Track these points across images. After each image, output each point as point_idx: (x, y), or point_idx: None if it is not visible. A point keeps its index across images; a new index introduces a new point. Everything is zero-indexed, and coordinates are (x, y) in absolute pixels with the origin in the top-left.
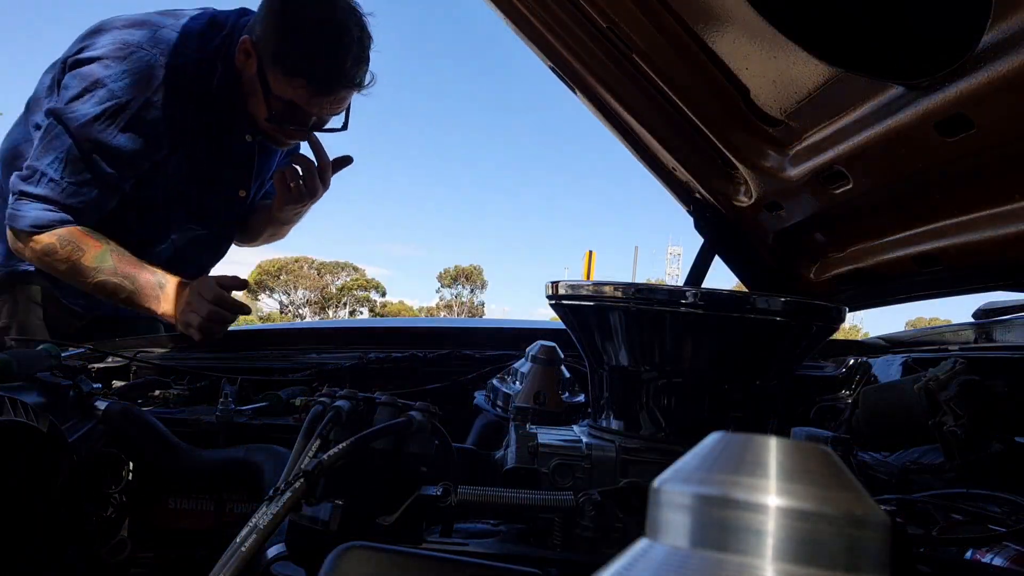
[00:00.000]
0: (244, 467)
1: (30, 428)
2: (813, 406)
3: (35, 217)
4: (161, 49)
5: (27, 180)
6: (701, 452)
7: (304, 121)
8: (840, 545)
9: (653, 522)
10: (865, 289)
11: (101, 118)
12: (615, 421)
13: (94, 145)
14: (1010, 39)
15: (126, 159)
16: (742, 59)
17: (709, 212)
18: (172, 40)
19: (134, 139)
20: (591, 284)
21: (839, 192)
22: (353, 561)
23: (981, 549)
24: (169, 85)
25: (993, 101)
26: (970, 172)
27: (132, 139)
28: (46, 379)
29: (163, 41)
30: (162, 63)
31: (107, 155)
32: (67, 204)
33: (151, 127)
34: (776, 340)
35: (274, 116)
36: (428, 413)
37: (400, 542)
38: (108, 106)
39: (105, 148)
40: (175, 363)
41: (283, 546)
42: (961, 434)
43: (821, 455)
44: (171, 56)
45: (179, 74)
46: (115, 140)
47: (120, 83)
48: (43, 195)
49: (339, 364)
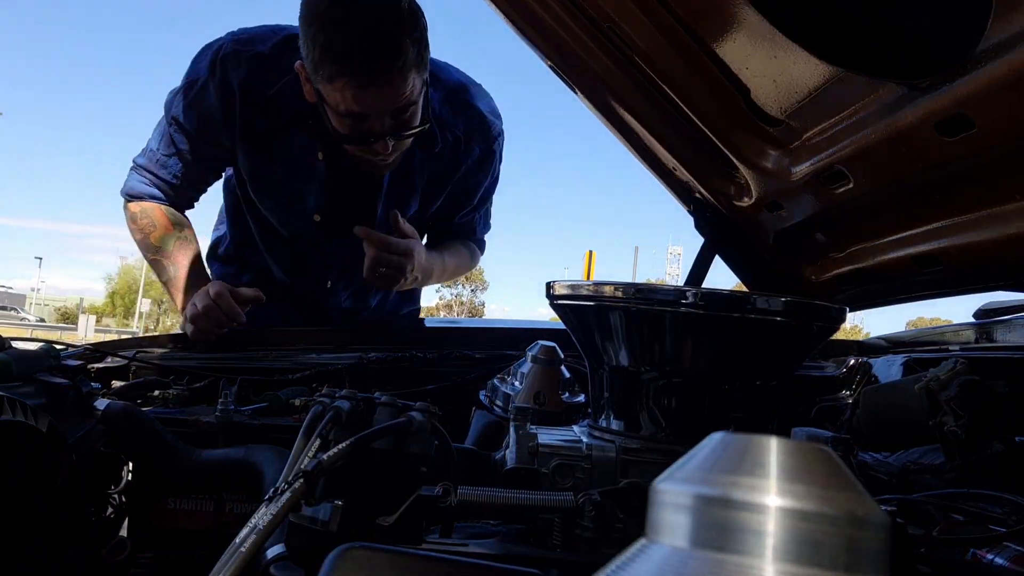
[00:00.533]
0: (244, 467)
1: (29, 428)
2: (813, 406)
3: (130, 186)
4: (237, 38)
5: (140, 153)
6: (701, 452)
7: (376, 131)
8: (840, 545)
9: (653, 522)
10: (865, 289)
11: (178, 92)
12: (615, 421)
13: (171, 119)
14: (1010, 39)
15: (190, 134)
16: (742, 59)
17: (709, 212)
18: (253, 33)
19: (191, 115)
20: (591, 284)
21: (839, 192)
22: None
23: (981, 549)
24: (226, 73)
25: (993, 101)
26: (970, 172)
27: (190, 115)
28: (46, 379)
29: (244, 33)
30: (230, 50)
31: (178, 128)
32: (158, 175)
33: (207, 108)
34: (776, 340)
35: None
36: (428, 413)
37: (400, 542)
38: (183, 83)
39: (176, 121)
40: (174, 363)
41: (282, 546)
42: (962, 434)
43: (821, 455)
44: (241, 44)
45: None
46: (181, 114)
47: (196, 64)
48: (142, 164)
49: (338, 364)
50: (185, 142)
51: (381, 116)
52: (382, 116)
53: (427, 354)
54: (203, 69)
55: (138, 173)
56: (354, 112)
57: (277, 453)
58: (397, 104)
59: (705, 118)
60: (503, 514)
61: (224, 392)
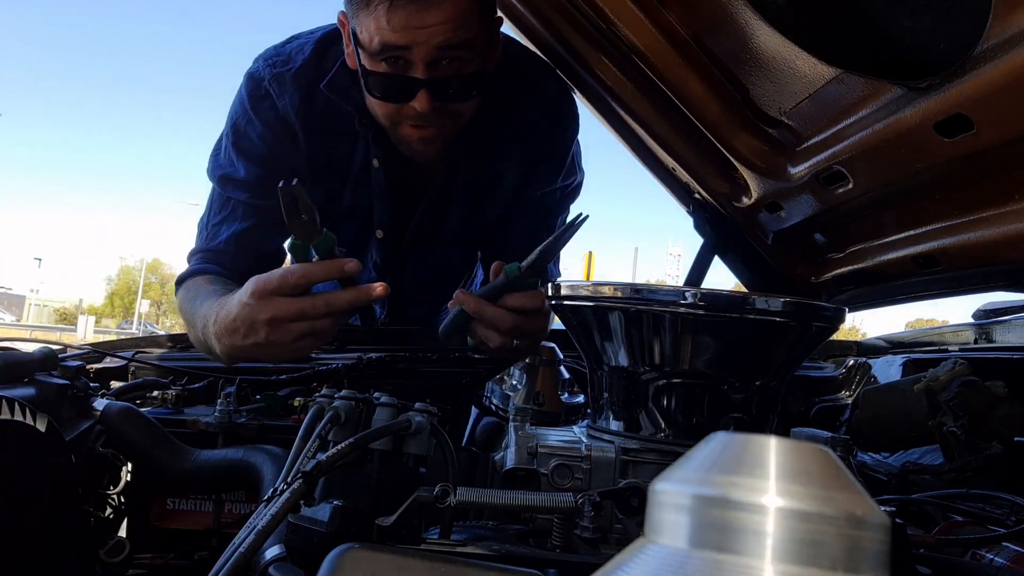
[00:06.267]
0: (242, 468)
1: (28, 428)
2: (813, 406)
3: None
4: (271, 60)
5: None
6: (700, 452)
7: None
8: (840, 546)
9: (652, 522)
10: (865, 289)
11: (221, 146)
12: (615, 422)
13: (220, 178)
14: (1010, 39)
15: (248, 182)
16: (742, 59)
17: (709, 212)
18: (280, 49)
19: (243, 161)
20: (590, 284)
21: (839, 192)
22: (351, 562)
23: (981, 549)
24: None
25: (993, 101)
26: (970, 172)
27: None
28: (44, 379)
29: (276, 54)
30: (269, 75)
31: (232, 184)
32: (209, 247)
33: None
34: (776, 340)
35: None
36: (427, 414)
37: (399, 543)
38: (225, 130)
39: (226, 179)
40: (173, 364)
41: (281, 547)
42: (961, 435)
43: (821, 455)
44: (278, 67)
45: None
46: (231, 164)
47: (236, 107)
48: (197, 246)
49: (338, 364)
50: (244, 193)
51: (425, 51)
52: (426, 52)
53: (427, 354)
54: (246, 105)
55: (194, 256)
56: (390, 44)
57: (276, 454)
58: (445, 36)
59: (704, 118)
60: (502, 515)
61: (223, 392)
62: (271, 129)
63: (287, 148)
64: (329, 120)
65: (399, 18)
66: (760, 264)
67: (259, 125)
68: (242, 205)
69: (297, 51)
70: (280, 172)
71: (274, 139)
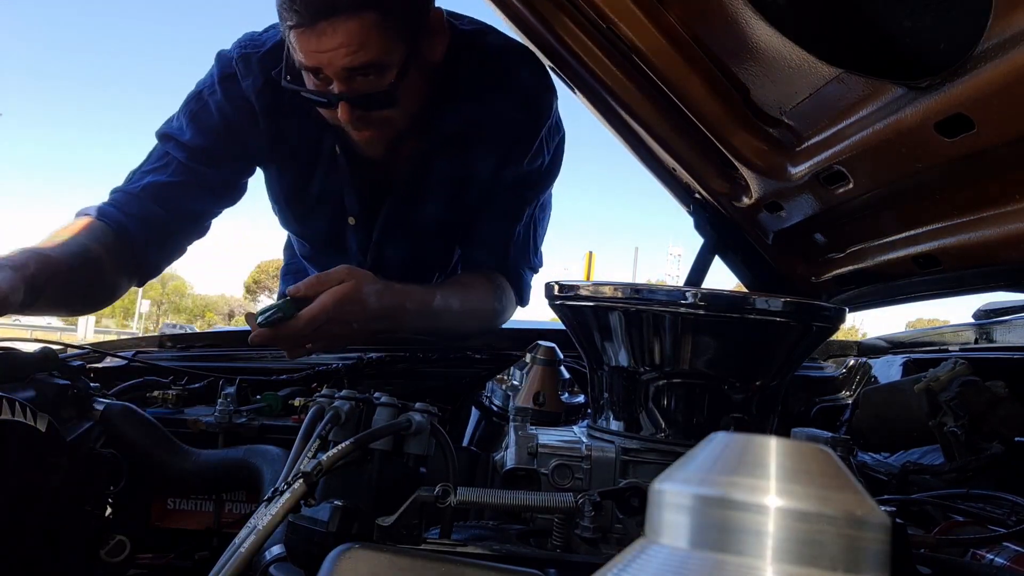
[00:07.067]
0: (243, 468)
1: (28, 428)
2: (813, 406)
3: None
4: (239, 42)
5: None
6: (700, 453)
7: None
8: (840, 546)
9: (652, 523)
10: (865, 289)
11: (178, 114)
12: (615, 422)
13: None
14: (1010, 39)
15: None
16: (742, 59)
17: (709, 212)
18: (261, 36)
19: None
20: (591, 284)
21: (839, 192)
22: (352, 562)
23: (981, 550)
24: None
25: (993, 101)
26: (970, 172)
27: (194, 129)
28: (45, 379)
29: (251, 38)
30: (236, 55)
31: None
32: (125, 189)
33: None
34: (776, 340)
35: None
36: (427, 413)
37: (399, 543)
38: (187, 99)
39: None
40: (173, 363)
41: (282, 547)
42: (961, 435)
43: (821, 455)
44: (249, 48)
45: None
46: (182, 129)
47: (199, 81)
48: (116, 187)
49: (338, 364)
50: (183, 153)
51: (333, 72)
52: (334, 72)
53: (427, 354)
54: (214, 79)
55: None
56: (304, 65)
57: (276, 454)
58: (345, 59)
59: (704, 118)
60: (503, 515)
61: (223, 392)
62: (232, 104)
63: (244, 126)
64: (296, 104)
65: (303, 43)
66: (760, 264)
67: (221, 98)
68: (176, 162)
69: (272, 36)
70: (232, 146)
71: (233, 113)
